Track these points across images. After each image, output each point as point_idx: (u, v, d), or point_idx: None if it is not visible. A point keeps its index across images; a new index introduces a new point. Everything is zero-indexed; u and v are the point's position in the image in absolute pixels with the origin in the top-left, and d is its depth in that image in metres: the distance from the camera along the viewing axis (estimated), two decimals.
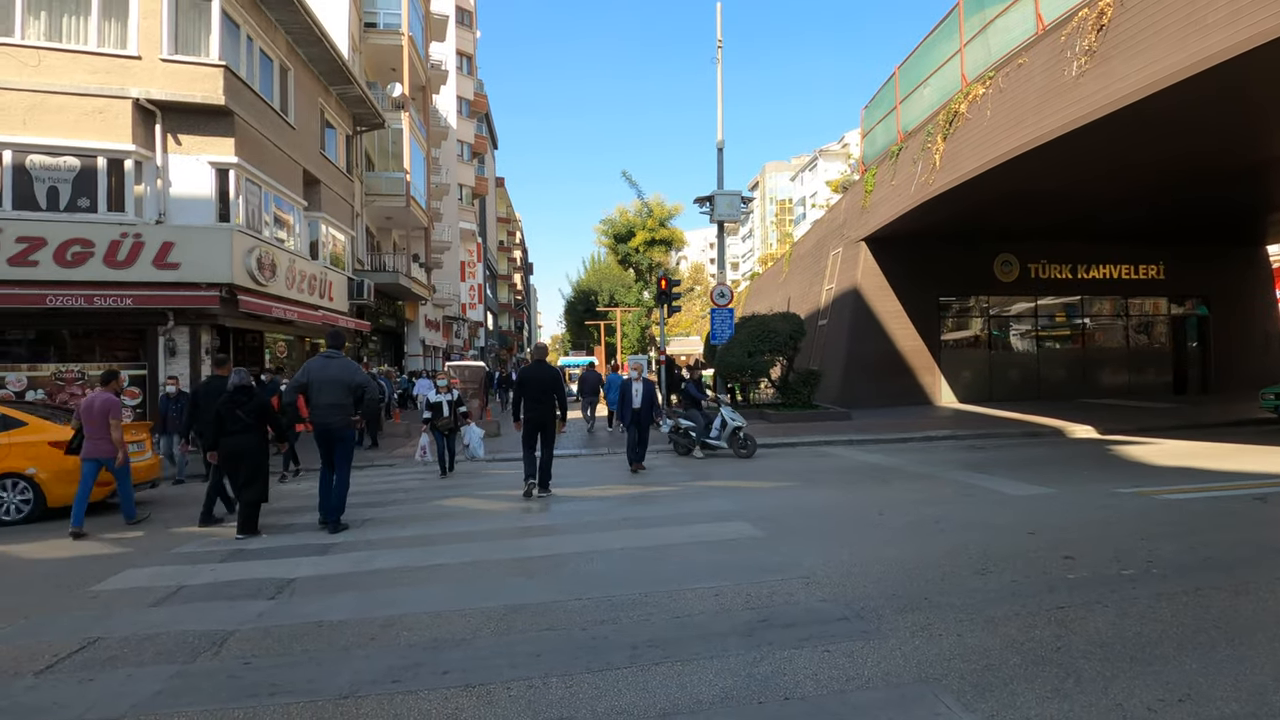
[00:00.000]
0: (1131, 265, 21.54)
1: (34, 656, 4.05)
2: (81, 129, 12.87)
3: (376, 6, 25.12)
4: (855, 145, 57.88)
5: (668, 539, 6.30)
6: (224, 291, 13.55)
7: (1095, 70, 9.85)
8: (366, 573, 5.60)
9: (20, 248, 12.47)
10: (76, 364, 13.40)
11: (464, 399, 11.75)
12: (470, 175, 45.20)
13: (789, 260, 28.50)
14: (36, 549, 6.82)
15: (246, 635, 4.29)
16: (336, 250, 20.03)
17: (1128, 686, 3.25)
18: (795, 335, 17.37)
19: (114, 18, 13.37)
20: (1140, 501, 7.29)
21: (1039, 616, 4.12)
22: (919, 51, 16.09)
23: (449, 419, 10.93)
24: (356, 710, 3.28)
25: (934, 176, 14.56)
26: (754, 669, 3.56)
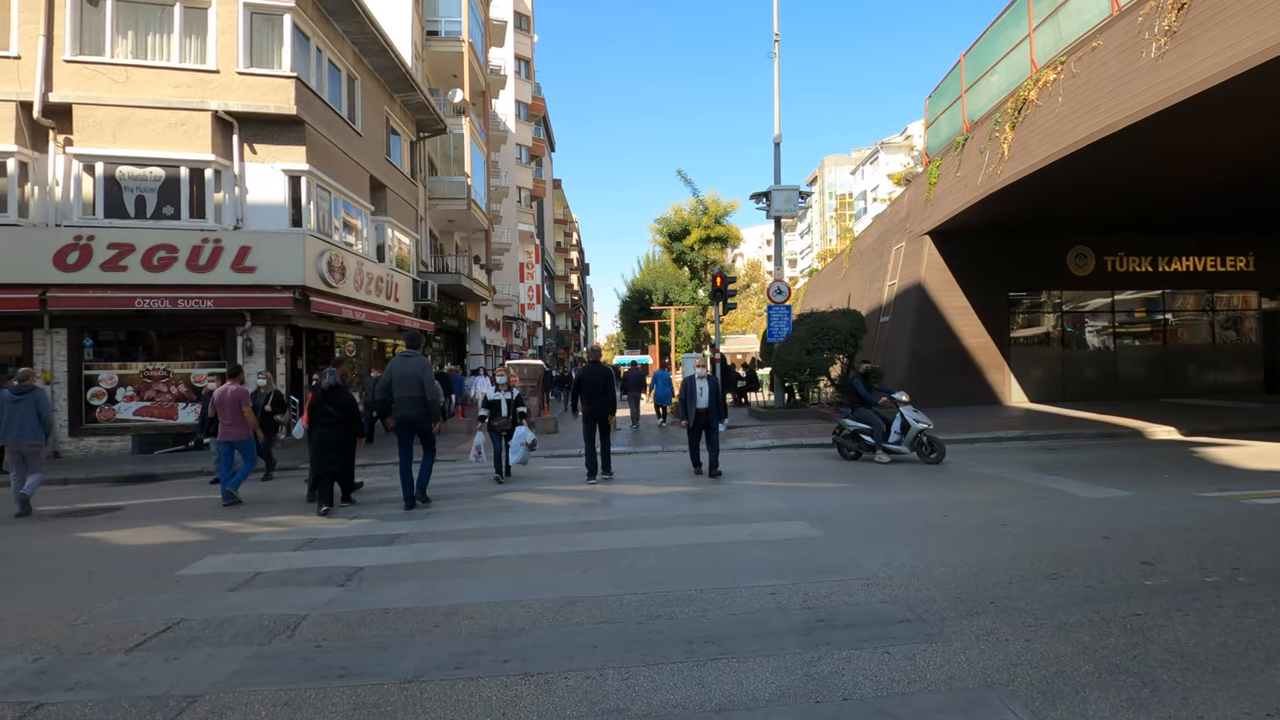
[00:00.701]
0: (1218, 257, 20.33)
1: (125, 635, 4.32)
2: (166, 141, 13.63)
3: (438, 14, 25.74)
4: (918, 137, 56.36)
5: (723, 537, 6.28)
6: (297, 293, 14.14)
7: (1176, 51, 9.34)
8: (430, 563, 5.76)
9: (111, 253, 13.29)
10: (162, 363, 14.19)
11: (523, 398, 10.67)
12: (528, 178, 45.87)
13: (849, 256, 27.96)
14: (129, 535, 7.26)
15: (318, 620, 4.48)
16: (402, 253, 20.63)
17: (1210, 699, 3.09)
18: (856, 332, 17.03)
19: (194, 34, 14.11)
20: (1226, 506, 6.89)
21: (1114, 623, 3.95)
22: (985, 38, 15.57)
23: (506, 419, 10.13)
24: (421, 694, 3.38)
25: (1002, 167, 14.06)
26: (811, 668, 3.52)
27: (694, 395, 9.86)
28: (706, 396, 9.81)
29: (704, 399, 9.81)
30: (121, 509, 8.78)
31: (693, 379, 9.99)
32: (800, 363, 16.78)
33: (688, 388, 10.01)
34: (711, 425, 9.82)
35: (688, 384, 10.06)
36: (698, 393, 9.84)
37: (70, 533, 7.49)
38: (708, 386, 9.85)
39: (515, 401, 10.24)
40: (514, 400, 10.25)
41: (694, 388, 9.89)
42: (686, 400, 10.00)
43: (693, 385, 9.93)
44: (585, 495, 8.70)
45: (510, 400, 10.23)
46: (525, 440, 10.16)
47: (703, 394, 9.82)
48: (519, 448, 10.10)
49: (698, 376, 9.93)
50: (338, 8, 16.08)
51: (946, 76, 17.95)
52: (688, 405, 9.96)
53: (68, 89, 13.34)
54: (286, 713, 3.27)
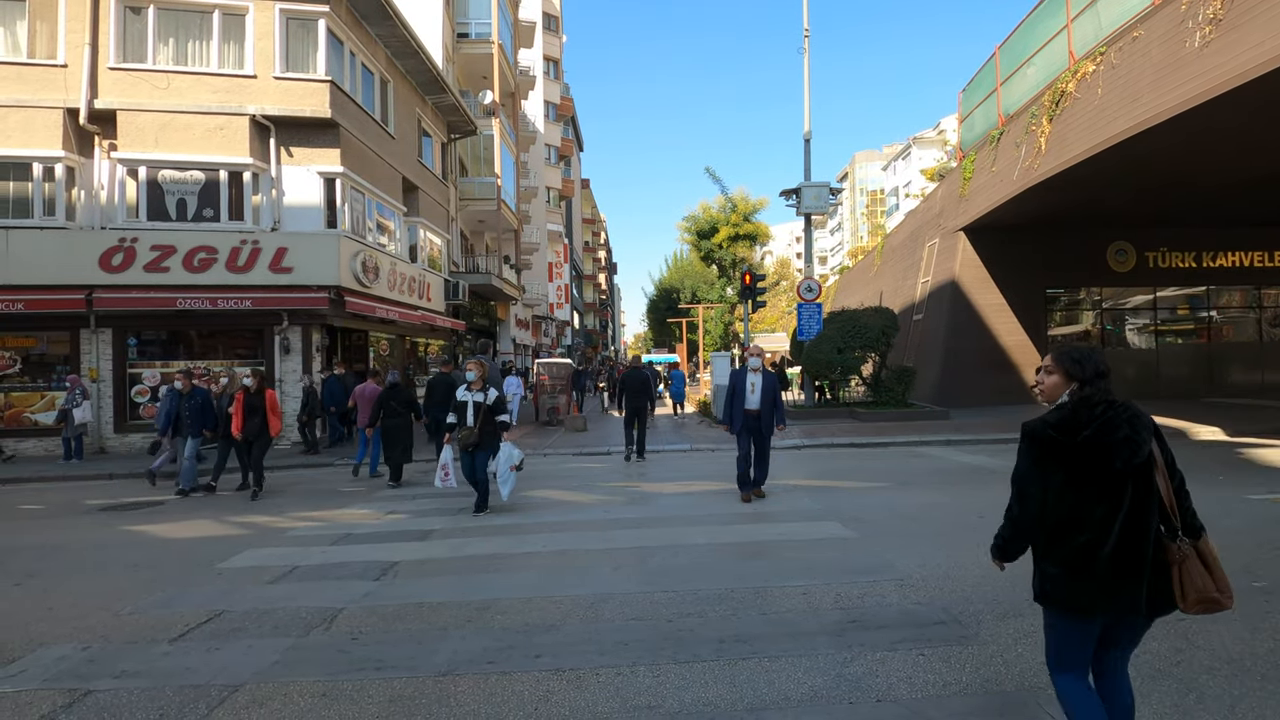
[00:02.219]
0: (1265, 251, 19.65)
1: (169, 626, 4.45)
2: (206, 145, 13.96)
3: (468, 17, 25.97)
4: (951, 131, 55.46)
5: (754, 536, 6.26)
6: (332, 293, 14.39)
7: (1221, 40, 9.05)
8: (463, 558, 5.83)
9: (154, 255, 13.66)
10: (203, 361, 14.54)
11: (503, 401, 7.80)
12: (557, 178, 46.08)
13: (880, 253, 27.61)
14: (172, 529, 7.46)
15: (354, 613, 4.56)
16: (433, 253, 20.88)
17: (1258, 706, 3.00)
18: (888, 330, 16.80)
19: (232, 40, 14.43)
20: (1274, 509, 6.68)
21: (1157, 628, 3.80)
22: (1021, 29, 15.25)
23: (472, 429, 7.42)
24: (454, 687, 3.43)
25: (1039, 161, 13.76)
26: (845, 669, 3.50)
27: (742, 394, 8.03)
28: (759, 395, 7.97)
29: (755, 398, 7.98)
30: (164, 503, 9.03)
31: (742, 373, 8.18)
32: (831, 361, 16.61)
33: (735, 384, 8.14)
34: (764, 432, 8.02)
35: (736, 380, 8.18)
36: (747, 390, 8.02)
37: (116, 526, 7.72)
38: (761, 383, 8.01)
39: (491, 407, 7.57)
40: (489, 404, 7.56)
41: (743, 384, 8.04)
42: (732, 399, 8.09)
43: (742, 381, 8.09)
44: (616, 493, 8.73)
45: (482, 404, 7.53)
46: (513, 462, 7.46)
47: (754, 391, 8.00)
48: (508, 475, 7.40)
49: (750, 369, 8.14)
50: (371, 12, 16.32)
51: (981, 69, 17.63)
52: (733, 406, 8.06)
53: (112, 96, 13.73)
54: (325, 704, 3.33)
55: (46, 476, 11.46)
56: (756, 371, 8.08)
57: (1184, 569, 2.36)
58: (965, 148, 18.82)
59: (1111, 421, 2.38)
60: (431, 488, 8.52)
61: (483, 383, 7.68)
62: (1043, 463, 2.41)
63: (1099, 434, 2.35)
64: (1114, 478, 2.35)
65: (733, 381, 8.16)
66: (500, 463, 7.44)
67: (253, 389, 9.55)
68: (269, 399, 9.66)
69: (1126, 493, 2.35)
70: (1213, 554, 2.47)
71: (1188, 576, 2.36)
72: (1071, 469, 2.37)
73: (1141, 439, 2.38)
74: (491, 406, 7.59)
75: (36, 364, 14.11)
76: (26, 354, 14.16)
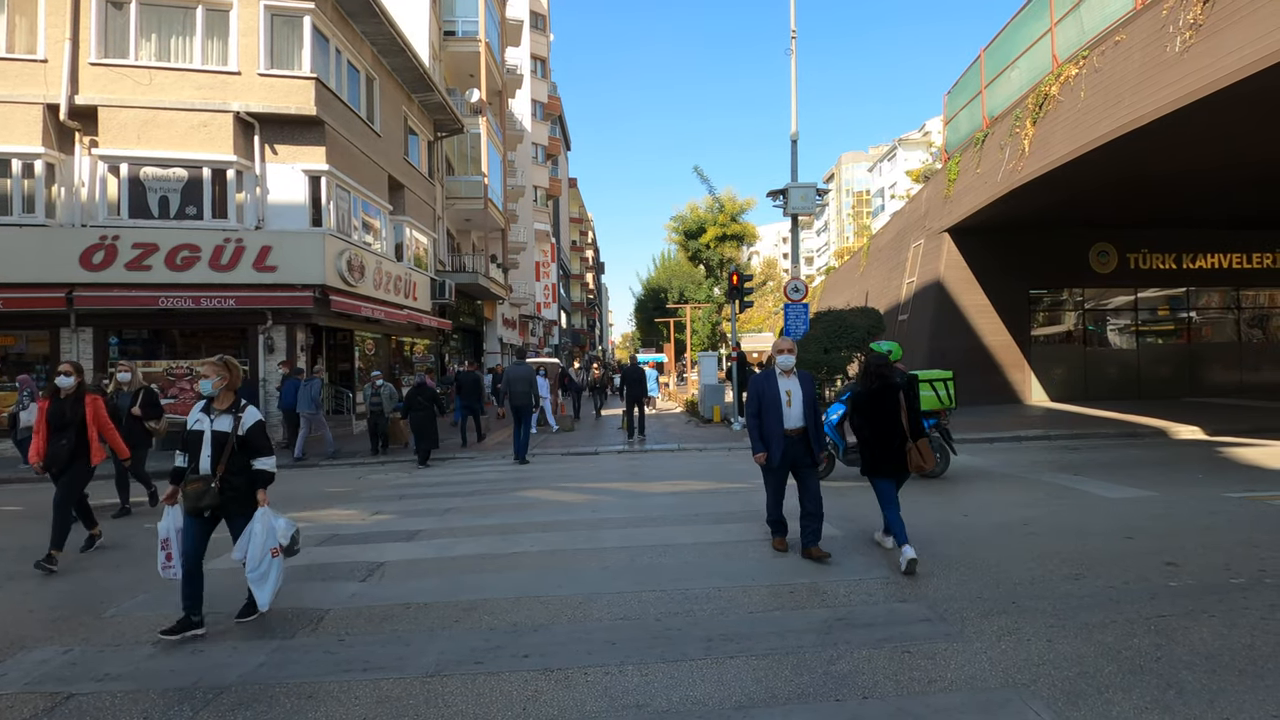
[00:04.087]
0: (1243, 254, 19.95)
1: (153, 627, 4.40)
2: (188, 142, 13.82)
3: (455, 15, 25.87)
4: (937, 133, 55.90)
5: (742, 535, 6.28)
6: (317, 292, 14.29)
7: (1201, 45, 9.18)
8: (450, 559, 5.81)
9: (136, 253, 13.51)
10: (186, 361, 14.40)
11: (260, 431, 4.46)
12: (544, 177, 45.98)
13: (867, 253, 27.77)
14: (153, 530, 7.36)
15: (340, 614, 4.54)
16: (419, 252, 20.78)
17: (1236, 701, 3.05)
18: (874, 330, 16.91)
19: (216, 36, 14.29)
20: (1252, 507, 6.78)
21: (1138, 624, 3.91)
22: (1005, 32, 15.39)
23: (207, 482, 4.27)
24: (442, 688, 3.42)
25: (1023, 163, 13.90)
26: (831, 666, 3.52)
27: (775, 407, 5.45)
28: (799, 407, 5.45)
29: (795, 412, 5.45)
30: (145, 504, 8.92)
31: (769, 379, 5.55)
32: (817, 361, 16.69)
33: (761, 393, 5.54)
34: (810, 461, 5.50)
35: (761, 388, 5.56)
36: (781, 401, 5.45)
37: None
38: (800, 391, 5.48)
39: (244, 440, 4.40)
40: (240, 436, 4.38)
41: (774, 393, 5.48)
42: (761, 416, 5.53)
43: (771, 389, 5.50)
44: (604, 493, 8.73)
45: (229, 437, 4.34)
46: (275, 543, 4.43)
47: (791, 403, 5.45)
48: (267, 565, 4.41)
49: (780, 371, 5.53)
50: (357, 9, 16.22)
51: (966, 72, 17.77)
52: (765, 426, 5.50)
53: (93, 91, 13.56)
54: (311, 705, 3.32)
55: (26, 478, 11.28)
56: (790, 375, 5.50)
57: (910, 454, 5.34)
58: (950, 150, 18.97)
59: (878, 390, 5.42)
60: (416, 487, 8.49)
61: (234, 399, 4.47)
62: (858, 409, 5.55)
63: (870, 384, 5.49)
64: (879, 409, 5.40)
65: (756, 390, 5.55)
66: (253, 544, 4.34)
67: (65, 393, 6.22)
68: (91, 410, 6.33)
69: (888, 419, 5.36)
70: (923, 447, 5.38)
71: (912, 457, 5.34)
72: (866, 411, 5.47)
73: (893, 382, 5.44)
74: (244, 439, 4.38)
75: (15, 363, 13.92)
76: (5, 353, 13.98)
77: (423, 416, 11.68)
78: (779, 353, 5.60)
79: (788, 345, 5.59)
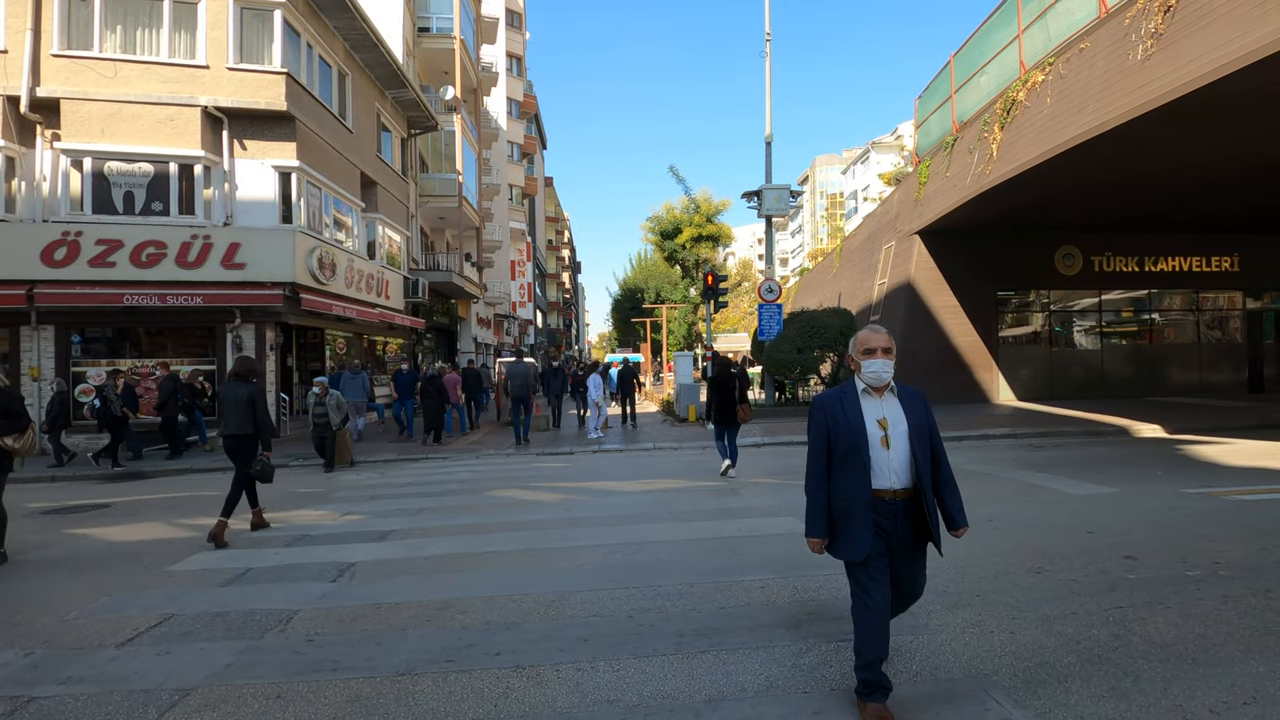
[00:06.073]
0: (1203, 257, 20.53)
1: (116, 630, 4.33)
2: (155, 136, 13.54)
3: (429, 11, 25.64)
4: (908, 137, 56.58)
5: (714, 532, 6.33)
6: (287, 290, 14.09)
7: (1162, 54, 9.44)
8: (422, 558, 5.78)
9: (99, 250, 13.20)
10: (151, 360, 14.11)
11: None
12: (520, 175, 45.78)
13: (840, 255, 28.07)
14: (119, 532, 7.23)
15: (310, 615, 4.50)
16: (392, 250, 20.58)
17: (1189, 688, 3.15)
18: (846, 331, 17.13)
19: (184, 29, 14.02)
20: (1208, 502, 6.99)
21: (1097, 616, 4.02)
22: (975, 39, 15.66)
23: None
24: (413, 687, 3.41)
25: (991, 167, 14.16)
26: (800, 659, 3.58)
27: (857, 448, 2.99)
28: (906, 451, 3.02)
29: (899, 456, 3.00)
30: (110, 506, 8.75)
31: (845, 398, 3.12)
32: (791, 361, 16.87)
33: (834, 425, 3.07)
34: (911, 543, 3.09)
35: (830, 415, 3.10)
36: (872, 439, 3.01)
37: (59, 529, 7.46)
38: (906, 423, 3.05)
39: None
40: None
41: (857, 425, 3.03)
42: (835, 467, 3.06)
43: (854, 418, 3.05)
44: (578, 491, 8.73)
45: None
46: None
47: (895, 442, 3.00)
48: None
49: (870, 382, 3.08)
50: (328, 4, 16.01)
51: (936, 77, 18.05)
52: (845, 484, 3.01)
53: (55, 83, 13.24)
54: (279, 705, 3.29)
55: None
56: (886, 393, 3.12)
57: (737, 412, 9.16)
58: (921, 153, 19.25)
59: (724, 375, 9.23)
60: (389, 487, 8.41)
61: None
62: (711, 387, 9.29)
63: (717, 376, 9.24)
64: (721, 387, 9.19)
65: (824, 419, 3.11)
66: None
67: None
68: None
69: (725, 392, 9.15)
70: (746, 406, 9.25)
71: (738, 414, 9.18)
72: (714, 387, 9.22)
73: (730, 378, 9.20)
74: None
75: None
76: None
77: (431, 405, 14.08)
78: (870, 354, 3.03)
79: (883, 341, 3.05)
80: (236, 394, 6.81)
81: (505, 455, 12.50)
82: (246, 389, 6.83)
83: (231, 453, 6.85)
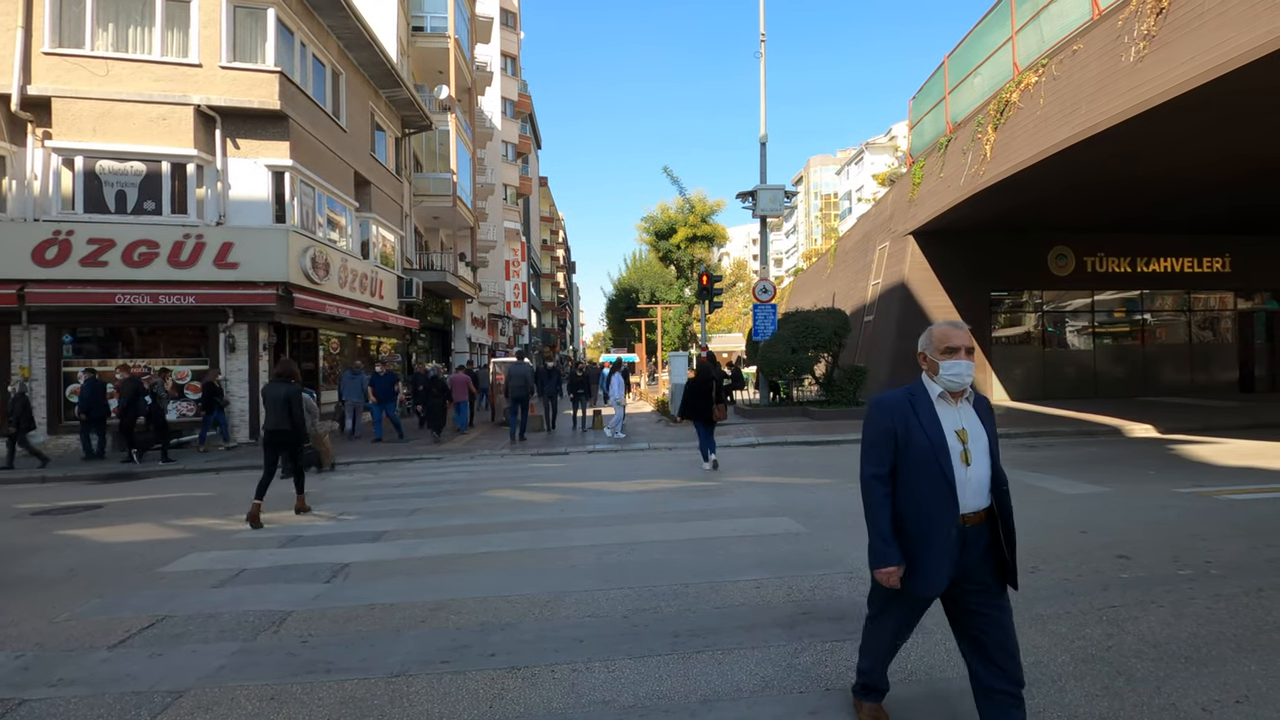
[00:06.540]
0: (1195, 258, 20.65)
1: (108, 632, 4.30)
2: (147, 135, 13.47)
3: (424, 10, 25.59)
4: (902, 138, 56.76)
5: (710, 532, 6.33)
6: (280, 290, 14.03)
7: (1154, 55, 9.49)
8: (417, 559, 5.76)
9: (91, 249, 13.12)
10: (143, 360, 14.03)
11: None
12: (514, 175, 45.69)
13: (834, 255, 28.12)
14: (110, 533, 7.19)
15: (304, 616, 4.48)
16: (386, 250, 20.52)
17: (1182, 687, 3.17)
18: (840, 331, 17.15)
19: (176, 27, 13.95)
20: (1201, 502, 7.03)
21: (1090, 615, 4.04)
22: (969, 40, 15.71)
23: None
24: (408, 688, 3.40)
25: (985, 168, 14.21)
26: (795, 659, 3.58)
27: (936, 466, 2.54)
28: (986, 467, 2.60)
29: (978, 476, 2.57)
30: (102, 507, 8.70)
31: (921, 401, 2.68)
32: (785, 361, 16.87)
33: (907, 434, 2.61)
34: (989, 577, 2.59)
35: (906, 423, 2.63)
36: (953, 455, 2.56)
37: (50, 530, 7.41)
38: (985, 435, 2.66)
39: None
40: None
41: (936, 438, 2.58)
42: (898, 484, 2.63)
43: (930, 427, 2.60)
44: (573, 492, 8.72)
45: None
46: None
47: (973, 456, 2.58)
48: None
49: (948, 387, 2.65)
50: (322, 2, 15.95)
51: (930, 78, 18.11)
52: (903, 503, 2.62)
53: (46, 82, 13.15)
54: (273, 707, 3.27)
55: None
56: (962, 400, 2.71)
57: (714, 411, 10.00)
58: (915, 154, 19.31)
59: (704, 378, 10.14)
60: (382, 488, 8.39)
61: None
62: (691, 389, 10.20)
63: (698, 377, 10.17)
64: (701, 389, 10.05)
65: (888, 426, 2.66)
66: None
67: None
68: None
69: (705, 392, 9.99)
70: (722, 406, 10.25)
71: (714, 413, 10.02)
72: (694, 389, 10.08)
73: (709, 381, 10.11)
74: None
75: None
76: None
77: (434, 404, 14.85)
78: (952, 353, 2.63)
79: (967, 339, 2.66)
80: (276, 393, 7.53)
81: (500, 455, 12.48)
82: (285, 389, 7.53)
83: (268, 445, 7.59)
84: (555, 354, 64.54)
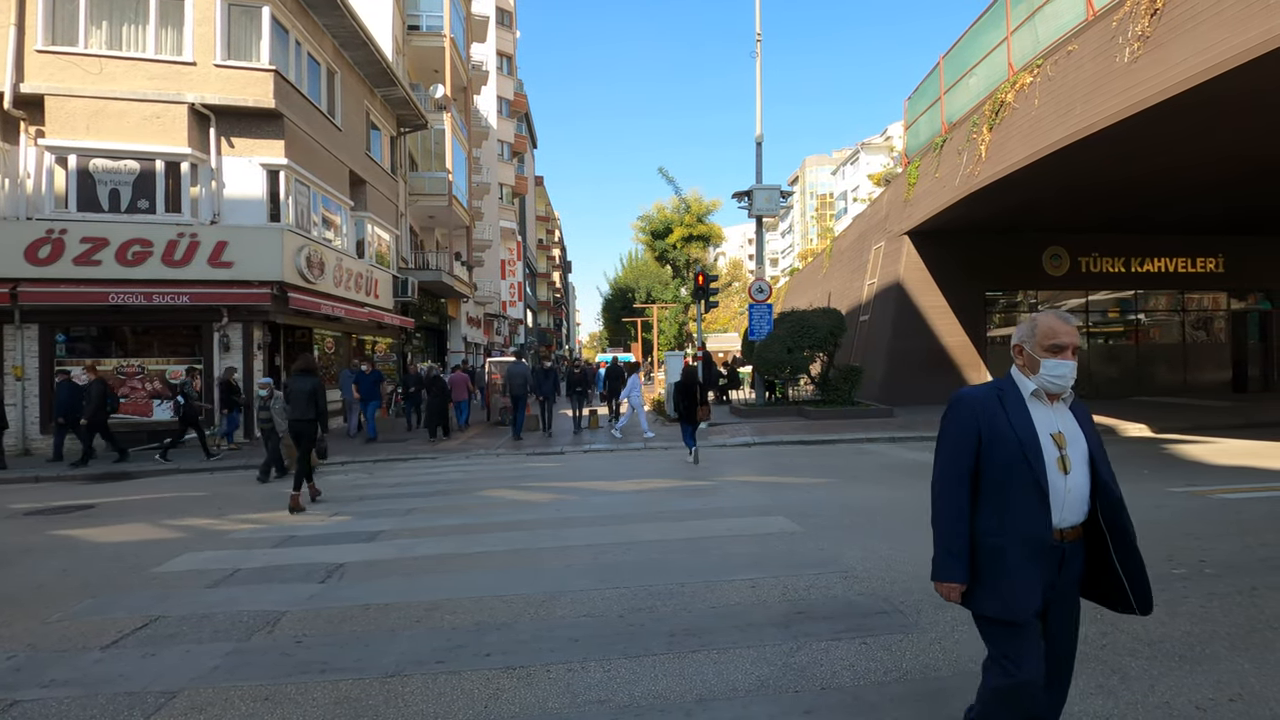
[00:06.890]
0: (1188, 258, 20.73)
1: (101, 632, 4.28)
2: (141, 133, 13.41)
3: (419, 9, 25.54)
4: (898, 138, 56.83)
5: (705, 532, 6.33)
6: (275, 289, 13.98)
7: (1149, 56, 9.52)
8: (412, 559, 5.75)
9: (84, 248, 13.06)
10: (137, 359, 13.97)
11: None
12: (510, 174, 45.63)
13: (829, 255, 28.16)
14: (103, 533, 7.16)
15: (298, 616, 4.46)
16: (381, 249, 20.47)
17: (1176, 685, 3.18)
18: (835, 331, 17.17)
19: (170, 26, 13.89)
20: (1194, 501, 7.06)
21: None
22: (964, 41, 15.74)
23: None
24: (402, 688, 3.39)
25: (980, 168, 14.24)
26: (790, 659, 3.58)
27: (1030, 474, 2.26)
28: (1085, 475, 2.40)
29: (1077, 485, 2.35)
30: (95, 506, 8.66)
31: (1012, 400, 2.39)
32: (781, 361, 16.88)
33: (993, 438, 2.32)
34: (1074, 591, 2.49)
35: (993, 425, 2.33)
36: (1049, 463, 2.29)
37: (43, 530, 7.37)
38: (1084, 440, 2.43)
39: None
40: None
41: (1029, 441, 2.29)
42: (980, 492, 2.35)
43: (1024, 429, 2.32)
44: (569, 491, 8.72)
45: None
46: None
47: (1071, 463, 2.34)
48: None
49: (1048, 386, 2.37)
50: (317, 1, 15.91)
51: (926, 78, 18.14)
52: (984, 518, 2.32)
53: (39, 80, 13.08)
54: (267, 707, 3.26)
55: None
56: (1059, 401, 2.44)
57: (700, 411, 11.03)
58: (910, 154, 19.34)
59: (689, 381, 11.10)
60: (377, 487, 8.37)
61: None
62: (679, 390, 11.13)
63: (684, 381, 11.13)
64: (686, 390, 10.97)
65: (968, 429, 2.39)
66: None
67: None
68: None
69: (690, 394, 10.92)
70: (705, 407, 11.32)
71: (699, 414, 10.95)
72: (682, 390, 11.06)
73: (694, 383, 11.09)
74: None
75: None
76: None
77: (436, 404, 15.08)
78: (1058, 351, 2.37)
79: (1074, 337, 2.41)
80: (303, 386, 8.10)
81: (496, 455, 12.47)
82: (310, 382, 8.14)
83: (295, 435, 8.21)
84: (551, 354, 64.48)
